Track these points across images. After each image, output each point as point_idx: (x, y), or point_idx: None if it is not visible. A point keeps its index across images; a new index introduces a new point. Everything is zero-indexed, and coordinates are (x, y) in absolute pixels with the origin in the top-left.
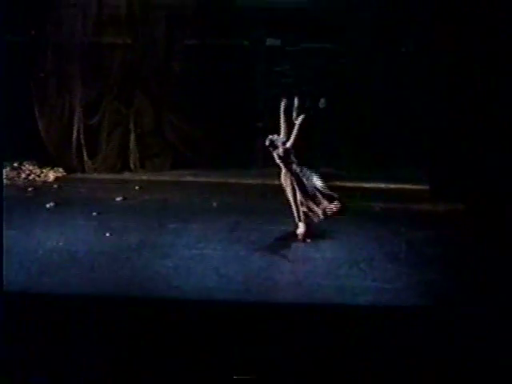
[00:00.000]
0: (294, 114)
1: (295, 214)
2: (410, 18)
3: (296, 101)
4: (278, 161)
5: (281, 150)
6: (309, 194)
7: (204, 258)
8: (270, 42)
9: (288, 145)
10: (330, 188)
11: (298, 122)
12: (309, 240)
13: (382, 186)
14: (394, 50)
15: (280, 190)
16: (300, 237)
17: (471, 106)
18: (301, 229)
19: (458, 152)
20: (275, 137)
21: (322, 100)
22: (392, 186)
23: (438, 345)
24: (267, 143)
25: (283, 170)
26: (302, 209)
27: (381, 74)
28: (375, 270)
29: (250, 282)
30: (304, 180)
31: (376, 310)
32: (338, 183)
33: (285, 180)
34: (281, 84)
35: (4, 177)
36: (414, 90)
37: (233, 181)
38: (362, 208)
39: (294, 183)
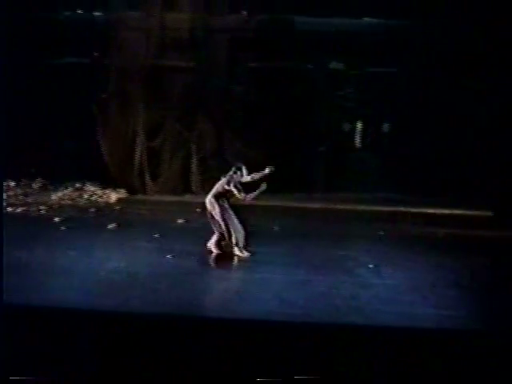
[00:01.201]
0: (357, 139)
1: (216, 237)
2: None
3: (358, 125)
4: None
5: (236, 180)
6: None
7: (265, 282)
8: (333, 65)
9: (243, 180)
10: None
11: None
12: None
13: (446, 211)
14: (459, 78)
15: (343, 215)
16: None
17: None
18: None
19: None
20: (242, 167)
21: (385, 125)
22: (456, 211)
23: (499, 371)
24: (234, 168)
25: (215, 193)
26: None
27: (444, 100)
28: (437, 297)
29: (311, 307)
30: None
31: (437, 335)
32: (401, 209)
33: (214, 203)
34: (344, 108)
35: (67, 197)
36: (479, 116)
37: (295, 205)
38: (426, 234)
39: (226, 210)
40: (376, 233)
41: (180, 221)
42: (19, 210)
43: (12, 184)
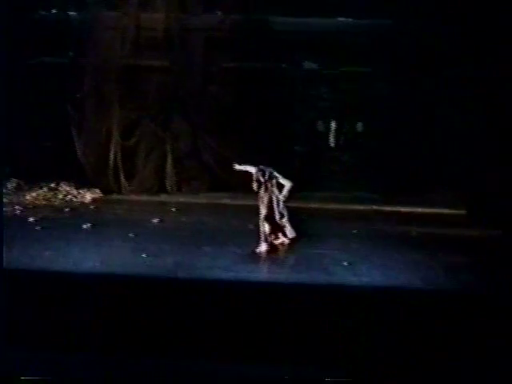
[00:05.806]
0: (331, 138)
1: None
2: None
3: (333, 124)
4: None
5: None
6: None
7: None
8: (307, 65)
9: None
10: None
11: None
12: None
13: (419, 210)
14: (432, 77)
15: (317, 213)
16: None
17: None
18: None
19: (496, 177)
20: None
21: (359, 124)
22: (428, 210)
23: None
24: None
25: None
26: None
27: (419, 99)
28: None
29: None
30: None
31: None
32: (375, 207)
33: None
34: (318, 108)
35: (41, 197)
36: (452, 114)
37: None
38: (399, 232)
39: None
40: (350, 231)
41: (155, 220)
42: None
43: None
